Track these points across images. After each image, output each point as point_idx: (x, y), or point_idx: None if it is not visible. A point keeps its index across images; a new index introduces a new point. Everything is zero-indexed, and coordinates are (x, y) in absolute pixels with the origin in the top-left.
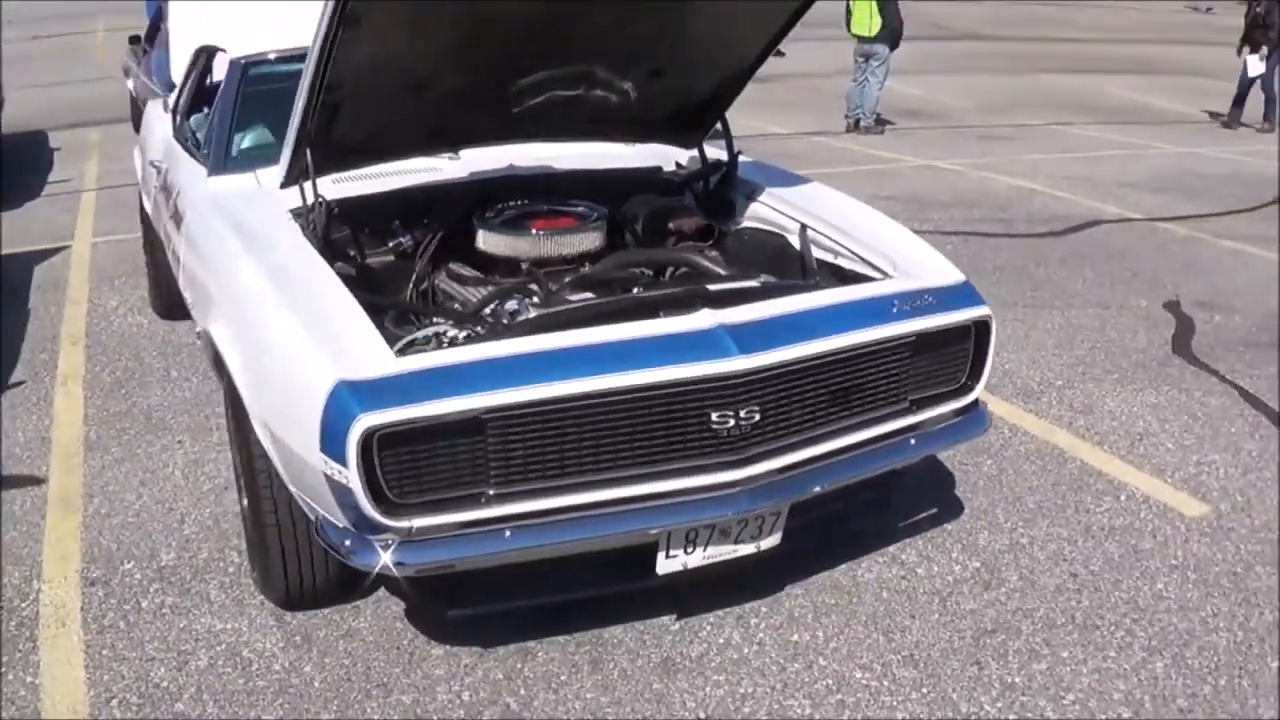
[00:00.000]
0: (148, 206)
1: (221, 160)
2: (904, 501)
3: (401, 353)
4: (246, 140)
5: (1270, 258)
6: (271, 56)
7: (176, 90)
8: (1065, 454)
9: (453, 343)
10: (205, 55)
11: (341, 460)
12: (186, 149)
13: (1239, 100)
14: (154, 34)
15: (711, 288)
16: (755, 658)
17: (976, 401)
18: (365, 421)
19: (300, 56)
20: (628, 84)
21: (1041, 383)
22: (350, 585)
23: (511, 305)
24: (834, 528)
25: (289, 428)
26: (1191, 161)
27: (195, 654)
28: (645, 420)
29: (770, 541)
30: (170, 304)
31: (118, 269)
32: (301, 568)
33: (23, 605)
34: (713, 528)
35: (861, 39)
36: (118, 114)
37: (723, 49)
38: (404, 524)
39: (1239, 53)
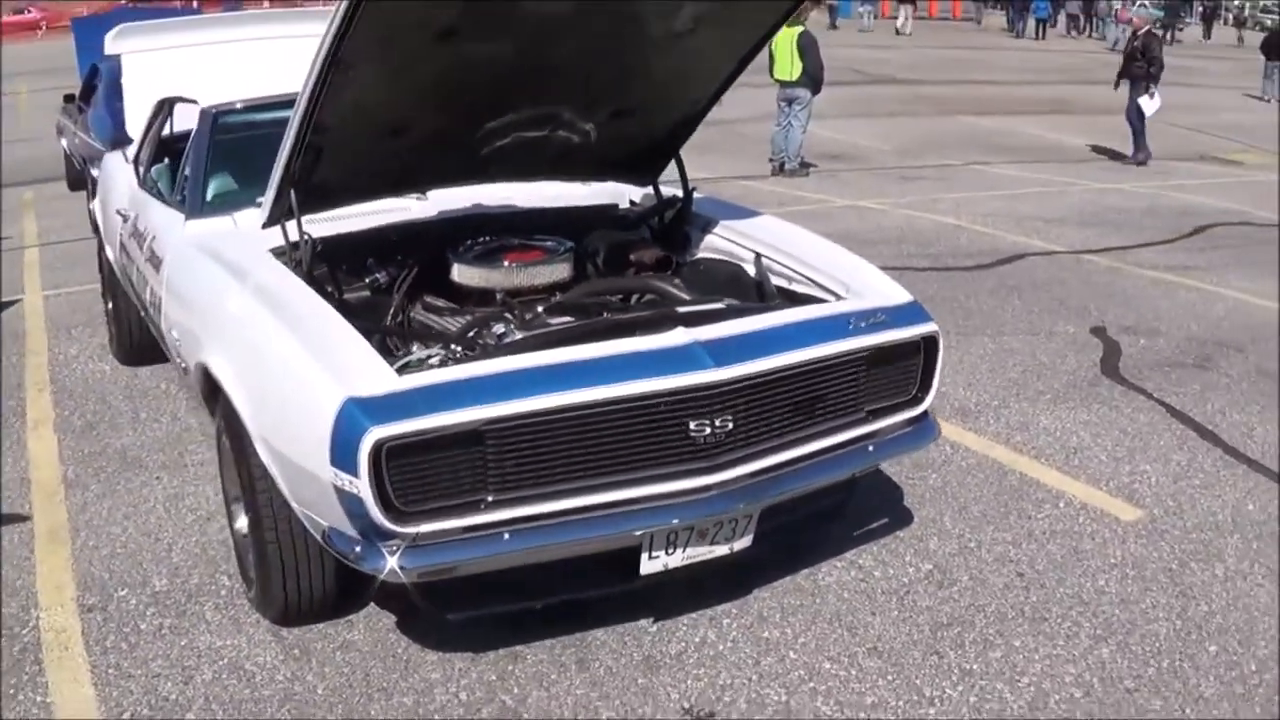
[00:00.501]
0: (110, 254)
1: (198, 205)
2: (857, 512)
3: (400, 372)
4: (219, 185)
5: (1190, 285)
6: (239, 105)
7: (138, 141)
8: (1005, 467)
9: (443, 364)
10: (168, 106)
11: (353, 471)
12: (156, 196)
13: (1139, 138)
14: (89, 92)
15: (681, 310)
16: (730, 653)
17: (926, 412)
18: (375, 434)
19: (268, 105)
20: (590, 125)
21: (978, 403)
22: (345, 600)
23: (498, 329)
24: (798, 531)
25: (295, 444)
26: (1112, 197)
27: (199, 669)
28: (629, 429)
29: (742, 543)
30: (133, 349)
31: (73, 319)
32: (300, 582)
33: (23, 632)
34: (691, 529)
35: (784, 84)
36: (49, 173)
37: (680, 91)
38: (410, 530)
39: (1116, 85)
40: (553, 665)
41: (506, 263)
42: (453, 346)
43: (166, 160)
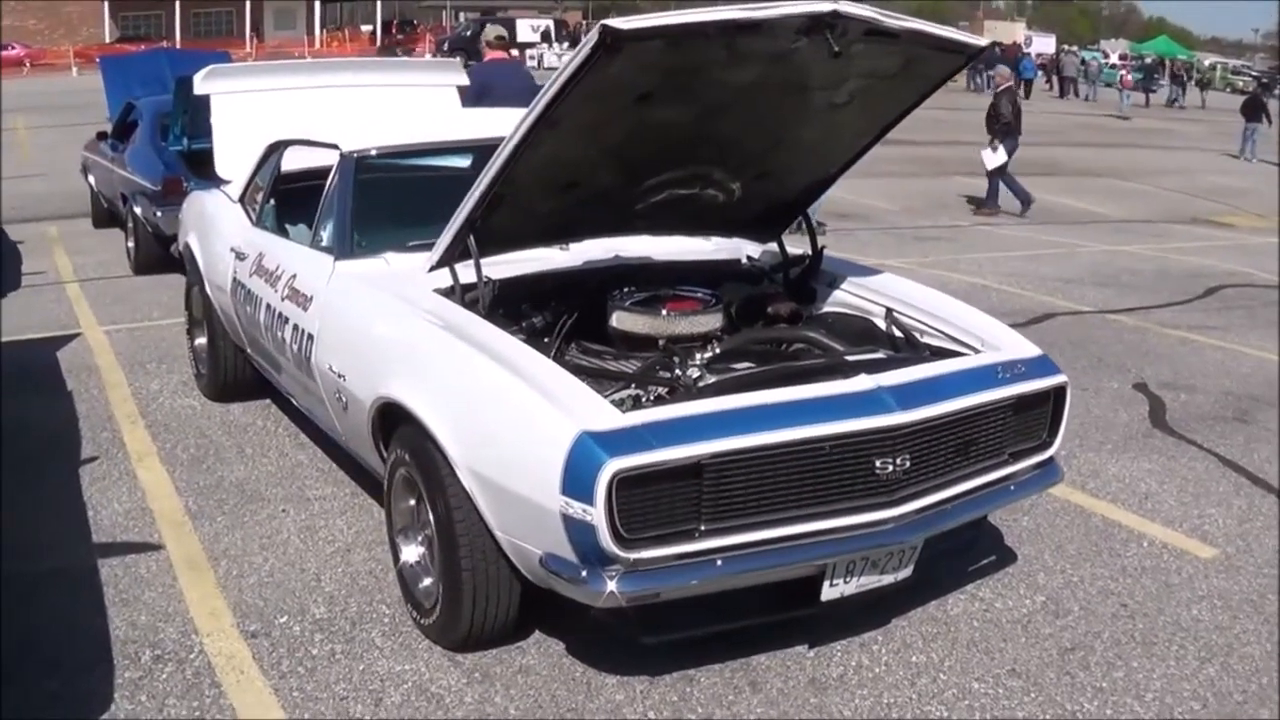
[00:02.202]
0: (210, 292)
1: (348, 246)
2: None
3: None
4: (362, 227)
5: (1214, 344)
6: (373, 151)
7: (244, 181)
8: (1087, 511)
9: (636, 403)
10: (281, 148)
11: (587, 500)
12: (286, 236)
13: (1014, 190)
14: (123, 129)
15: (849, 358)
16: (887, 675)
17: (1053, 456)
18: (613, 466)
19: (401, 152)
20: (736, 185)
21: None
22: (520, 626)
23: (693, 372)
24: (943, 563)
25: (514, 474)
26: (1121, 258)
27: (385, 692)
28: (825, 465)
29: (905, 573)
30: (227, 386)
31: (144, 355)
32: (488, 607)
33: (191, 657)
34: (867, 559)
35: None
36: (66, 209)
37: (821, 157)
38: (631, 555)
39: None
40: (727, 687)
41: (666, 311)
42: (634, 386)
43: (273, 201)
